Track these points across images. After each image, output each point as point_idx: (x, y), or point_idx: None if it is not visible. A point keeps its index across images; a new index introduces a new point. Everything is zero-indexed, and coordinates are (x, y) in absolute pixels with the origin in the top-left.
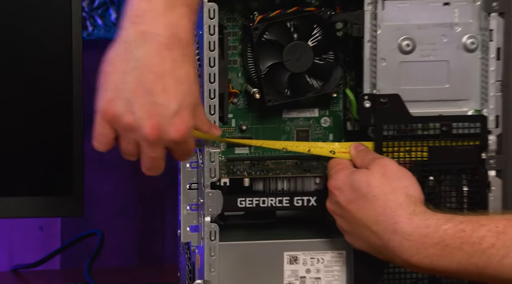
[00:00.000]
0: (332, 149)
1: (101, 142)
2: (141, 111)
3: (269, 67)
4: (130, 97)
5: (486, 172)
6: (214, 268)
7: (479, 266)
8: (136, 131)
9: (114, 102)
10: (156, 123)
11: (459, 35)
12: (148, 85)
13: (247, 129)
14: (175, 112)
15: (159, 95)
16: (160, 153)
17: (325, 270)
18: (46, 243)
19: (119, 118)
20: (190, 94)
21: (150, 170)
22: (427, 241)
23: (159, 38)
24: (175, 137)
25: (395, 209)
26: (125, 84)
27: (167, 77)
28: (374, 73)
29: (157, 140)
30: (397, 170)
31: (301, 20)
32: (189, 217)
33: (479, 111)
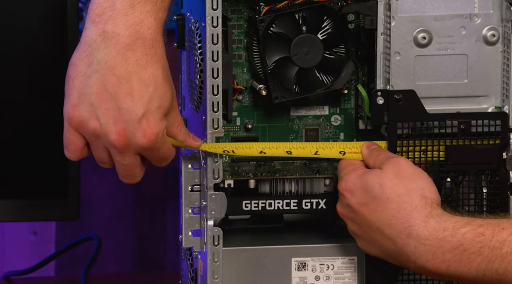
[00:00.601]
0: (342, 150)
1: (71, 150)
2: (106, 117)
3: (276, 62)
4: (94, 102)
5: (508, 172)
6: (217, 275)
7: (499, 272)
8: (103, 138)
9: (79, 108)
10: (122, 129)
11: (479, 27)
12: (112, 89)
13: (252, 128)
14: (142, 116)
15: (124, 100)
16: (130, 160)
17: (335, 277)
18: (40, 249)
19: (84, 124)
20: (157, 97)
21: (125, 178)
22: (444, 245)
23: (121, 38)
24: (143, 143)
25: (409, 211)
26: (87, 89)
27: (131, 80)
28: (388, 67)
29: (124, 147)
30: (412, 170)
31: (310, 12)
32: (191, 221)
33: (500, 108)
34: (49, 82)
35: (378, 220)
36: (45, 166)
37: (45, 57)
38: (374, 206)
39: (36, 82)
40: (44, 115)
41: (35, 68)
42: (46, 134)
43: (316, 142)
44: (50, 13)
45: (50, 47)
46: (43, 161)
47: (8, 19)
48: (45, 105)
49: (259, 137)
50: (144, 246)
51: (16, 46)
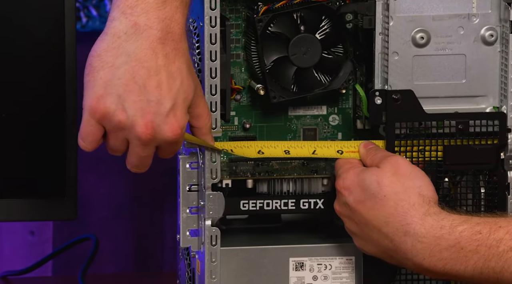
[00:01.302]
0: (339, 149)
1: (88, 141)
2: (134, 109)
3: (274, 62)
4: (122, 93)
5: (506, 172)
6: (215, 275)
7: (496, 271)
8: (128, 130)
9: (104, 99)
10: (150, 121)
11: (477, 27)
12: (141, 81)
13: (250, 128)
14: (170, 110)
15: (153, 92)
16: (150, 152)
17: (333, 277)
18: (37, 249)
19: (110, 116)
20: (183, 90)
21: (136, 167)
22: (441, 243)
23: (152, 31)
24: (169, 137)
25: (407, 209)
26: (115, 80)
27: (161, 73)
28: (386, 67)
29: (150, 140)
30: (410, 169)
31: (309, 11)
32: (189, 220)
33: (498, 108)
34: (46, 82)
35: (375, 218)
36: (42, 166)
37: (42, 56)
38: (371, 204)
39: (33, 81)
40: (41, 115)
41: (31, 67)
42: (43, 133)
43: (314, 141)
44: (47, 12)
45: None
46: (40, 160)
47: (4, 18)
48: (43, 105)
49: (257, 136)
50: (142, 246)
51: (13, 45)
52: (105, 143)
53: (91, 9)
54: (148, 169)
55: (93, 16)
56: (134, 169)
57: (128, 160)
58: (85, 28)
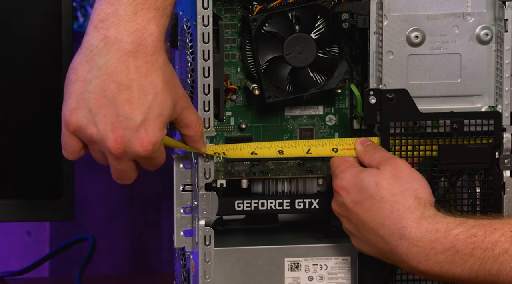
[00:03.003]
0: (334, 147)
1: (69, 152)
2: (104, 124)
3: (269, 61)
4: (92, 107)
5: (501, 172)
6: (209, 275)
7: (492, 273)
8: (99, 143)
9: (76, 112)
10: (120, 136)
11: (472, 26)
12: (111, 95)
13: (246, 128)
14: (140, 125)
15: (123, 107)
16: (126, 166)
17: (328, 277)
18: (34, 249)
19: (81, 129)
20: (156, 106)
21: (119, 179)
22: (437, 247)
23: (122, 45)
24: (140, 152)
25: (403, 212)
26: (87, 94)
27: (131, 87)
28: (381, 67)
29: (121, 154)
30: (409, 172)
31: (303, 11)
32: (183, 220)
33: (493, 107)
34: (43, 83)
35: (372, 219)
36: (39, 167)
37: (39, 57)
38: (368, 205)
39: (29, 82)
40: (38, 116)
41: (28, 68)
42: (40, 134)
43: (308, 139)
44: (44, 12)
45: (44, 46)
46: (37, 161)
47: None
48: (39, 106)
49: (253, 137)
50: (138, 246)
51: (10, 45)
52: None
53: (88, 9)
54: (145, 170)
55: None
56: (119, 181)
57: (111, 172)
58: (82, 28)
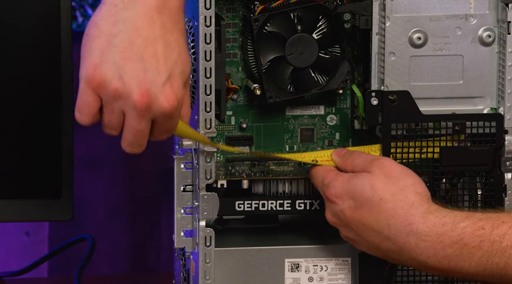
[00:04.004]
0: (314, 158)
1: (84, 113)
2: (130, 77)
3: (271, 61)
4: (118, 61)
5: (502, 174)
6: (209, 276)
7: (500, 267)
8: (123, 99)
9: (100, 67)
10: (146, 90)
11: (475, 27)
12: (138, 50)
13: (247, 127)
14: (166, 79)
15: (150, 61)
16: (145, 125)
17: (328, 278)
18: (32, 249)
19: (106, 84)
20: (181, 63)
21: (131, 145)
22: (444, 241)
23: (149, 0)
24: (165, 107)
25: (407, 209)
26: (112, 48)
27: (158, 42)
28: (382, 68)
29: (146, 109)
30: (399, 169)
31: (305, 11)
32: (183, 221)
33: (495, 109)
34: (42, 81)
35: (375, 222)
36: (38, 166)
37: (38, 55)
38: (368, 208)
39: (28, 81)
40: (37, 115)
41: (27, 67)
42: (39, 134)
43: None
44: (43, 11)
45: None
46: (36, 161)
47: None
48: (38, 105)
49: (254, 136)
50: (138, 246)
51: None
52: (101, 121)
53: (87, 8)
54: (145, 170)
55: (89, 15)
56: (129, 147)
57: (123, 138)
58: (81, 28)
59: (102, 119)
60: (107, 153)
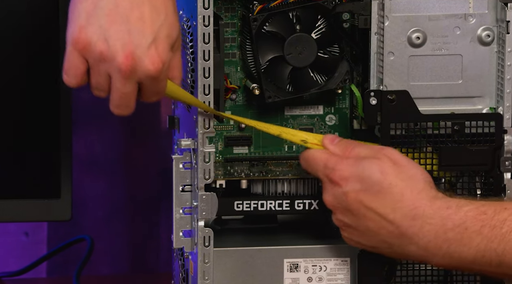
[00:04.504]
0: (304, 139)
1: (71, 75)
2: (115, 39)
3: (270, 61)
4: (103, 23)
5: (502, 174)
6: (208, 276)
7: (498, 253)
8: (108, 61)
9: (86, 29)
10: (131, 53)
11: (474, 27)
12: (123, 12)
13: (246, 127)
14: (151, 42)
15: (135, 23)
16: (131, 88)
17: (328, 278)
18: (31, 250)
19: (91, 46)
20: (167, 26)
21: (119, 108)
22: (447, 224)
23: None
24: (150, 70)
25: (416, 193)
26: (98, 10)
27: (144, 5)
28: (381, 68)
29: (130, 72)
30: (406, 159)
31: (304, 11)
32: (182, 221)
33: (494, 109)
34: (40, 81)
35: (381, 205)
36: (37, 166)
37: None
38: (375, 192)
39: (27, 80)
40: (36, 115)
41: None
42: (38, 134)
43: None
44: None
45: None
46: (35, 161)
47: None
48: (37, 104)
49: (253, 136)
50: (137, 246)
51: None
52: (89, 83)
53: None
54: (144, 170)
55: None
56: (117, 110)
57: (110, 100)
58: None
59: (89, 81)
60: (106, 153)
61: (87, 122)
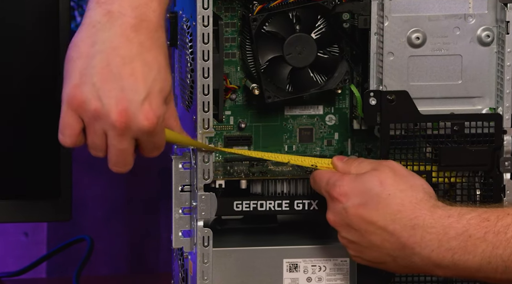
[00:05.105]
0: (314, 163)
1: (67, 135)
2: (109, 97)
3: (269, 61)
4: (97, 82)
5: (501, 174)
6: (207, 276)
7: (504, 259)
8: (103, 119)
9: (80, 88)
10: (125, 109)
11: (473, 27)
12: (115, 69)
13: (246, 127)
14: (145, 98)
15: (127, 80)
16: (127, 144)
17: (327, 278)
18: (31, 250)
19: (85, 104)
20: (160, 80)
21: (116, 165)
22: (449, 232)
23: (126, 19)
24: (144, 125)
25: (415, 203)
26: (90, 69)
27: (135, 61)
28: (381, 68)
29: (125, 128)
30: (407, 171)
31: (304, 11)
32: (181, 221)
33: (494, 110)
34: (40, 82)
35: (381, 217)
36: (36, 166)
37: (36, 56)
38: (374, 204)
39: (26, 82)
40: (35, 116)
41: (25, 68)
42: (37, 134)
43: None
44: (41, 11)
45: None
46: (35, 161)
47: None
48: (36, 105)
49: (253, 136)
50: (136, 247)
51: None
52: (86, 143)
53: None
54: (143, 170)
55: None
56: (115, 167)
57: (108, 158)
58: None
59: (86, 142)
60: None
61: None
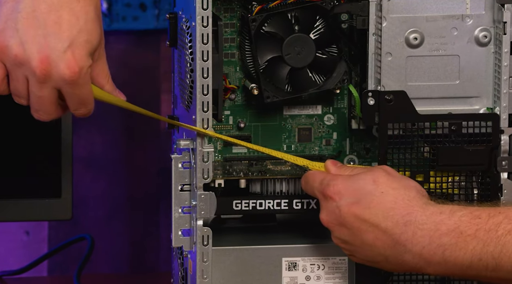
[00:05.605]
0: (306, 164)
1: None
2: (31, 43)
3: (268, 61)
4: (20, 27)
5: (498, 174)
6: (207, 275)
7: (495, 256)
8: (24, 65)
9: (4, 33)
10: (46, 56)
11: (471, 27)
12: (40, 16)
13: (245, 127)
14: (68, 47)
15: (52, 27)
16: (47, 92)
17: (326, 277)
18: (32, 249)
19: (7, 50)
20: (86, 32)
21: (37, 112)
22: (441, 228)
23: None
24: (66, 74)
25: (408, 201)
26: (16, 13)
27: (62, 9)
28: (379, 68)
29: (45, 76)
30: (400, 174)
31: (303, 11)
32: (181, 220)
33: (491, 109)
34: None
35: (373, 215)
36: (38, 166)
37: None
38: (367, 202)
39: None
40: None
41: None
42: (39, 133)
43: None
44: None
45: None
46: (36, 160)
47: None
48: None
49: (252, 136)
50: (137, 245)
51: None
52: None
53: None
54: (143, 169)
55: None
56: (36, 114)
57: (30, 104)
58: None
59: (10, 87)
60: (106, 153)
61: (87, 122)
